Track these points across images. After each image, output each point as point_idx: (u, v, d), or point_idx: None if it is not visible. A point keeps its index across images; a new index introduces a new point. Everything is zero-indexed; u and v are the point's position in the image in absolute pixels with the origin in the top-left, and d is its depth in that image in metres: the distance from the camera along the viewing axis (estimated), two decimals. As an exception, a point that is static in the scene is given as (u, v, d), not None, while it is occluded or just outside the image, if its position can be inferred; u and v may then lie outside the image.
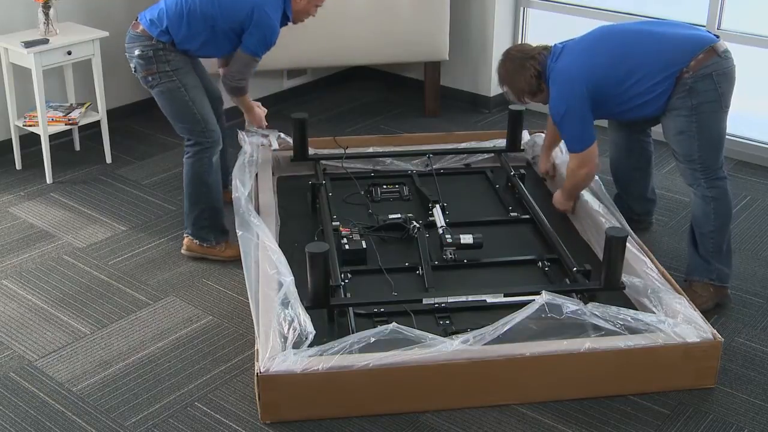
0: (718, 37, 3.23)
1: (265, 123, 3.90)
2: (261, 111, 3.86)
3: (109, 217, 3.99)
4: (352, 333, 2.79)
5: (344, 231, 3.46)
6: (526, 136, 4.22)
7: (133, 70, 3.42)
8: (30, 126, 4.32)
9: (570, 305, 2.82)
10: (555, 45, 3.43)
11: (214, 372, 2.96)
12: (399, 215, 3.64)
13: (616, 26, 3.43)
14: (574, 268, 3.16)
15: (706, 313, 3.13)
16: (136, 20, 3.40)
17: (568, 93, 3.28)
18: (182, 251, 3.64)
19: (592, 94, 3.24)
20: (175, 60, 3.35)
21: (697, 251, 3.28)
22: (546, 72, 3.37)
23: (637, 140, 3.64)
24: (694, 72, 3.11)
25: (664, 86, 3.17)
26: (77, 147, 4.70)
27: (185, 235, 3.63)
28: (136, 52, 3.34)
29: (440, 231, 3.43)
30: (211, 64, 3.82)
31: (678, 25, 3.36)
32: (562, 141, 3.80)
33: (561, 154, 4.01)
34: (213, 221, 3.57)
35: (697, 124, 3.15)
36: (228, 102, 4.91)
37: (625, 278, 3.03)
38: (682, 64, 3.13)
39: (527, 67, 3.39)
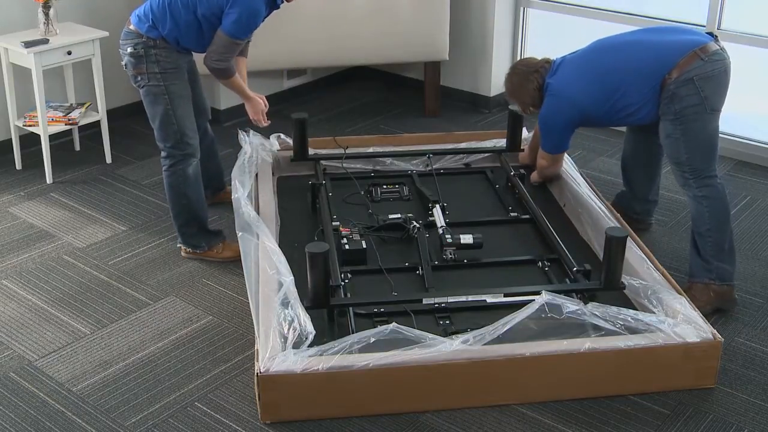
0: (715, 37, 3.25)
1: (263, 119, 3.71)
2: (260, 102, 3.68)
3: (109, 217, 3.99)
4: (352, 333, 2.79)
5: (344, 231, 3.46)
6: (526, 136, 4.22)
7: (124, 67, 3.41)
8: (30, 126, 4.32)
9: (570, 305, 2.82)
10: (555, 59, 3.57)
11: (214, 372, 2.96)
12: (399, 215, 3.64)
13: (607, 40, 3.49)
14: (574, 268, 3.16)
15: (706, 314, 3.13)
16: (129, 18, 3.40)
17: (557, 111, 3.49)
18: (182, 254, 3.65)
19: (581, 114, 3.43)
20: (166, 60, 3.32)
21: (698, 253, 3.28)
22: (545, 85, 3.53)
23: (650, 140, 3.66)
24: (675, 78, 3.17)
25: (650, 95, 3.25)
26: (77, 147, 4.71)
27: (178, 244, 3.64)
28: (129, 50, 3.33)
29: (440, 231, 3.43)
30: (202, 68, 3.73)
31: (671, 31, 3.39)
32: None
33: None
34: (200, 228, 3.57)
35: (682, 128, 3.19)
36: (229, 102, 4.93)
37: (625, 280, 3.03)
38: (665, 71, 3.19)
39: (530, 80, 3.56)
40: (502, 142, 4.20)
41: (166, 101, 3.35)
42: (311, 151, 4.09)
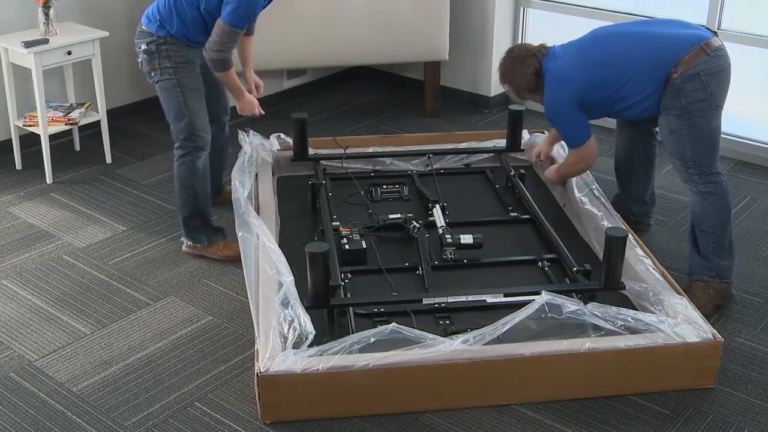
0: (715, 33, 3.24)
1: (257, 110, 3.67)
2: (252, 100, 3.67)
3: (109, 217, 3.99)
4: (352, 333, 2.79)
5: (344, 231, 3.46)
6: (526, 135, 4.23)
7: (139, 65, 3.49)
8: (30, 126, 4.32)
9: (570, 305, 2.82)
10: (552, 46, 3.50)
11: (214, 372, 2.96)
12: (399, 215, 3.64)
13: (609, 28, 3.46)
14: (574, 268, 3.16)
15: (708, 313, 3.13)
16: (140, 20, 3.47)
17: (558, 96, 3.39)
18: (183, 249, 3.66)
19: (581, 97, 3.34)
20: (177, 55, 3.38)
21: (698, 250, 3.28)
22: (542, 71, 3.44)
23: (642, 140, 3.65)
24: (682, 72, 3.14)
25: (653, 87, 3.21)
26: (77, 147, 4.71)
27: (182, 238, 3.66)
28: (143, 47, 3.41)
29: (440, 231, 3.43)
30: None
31: (672, 24, 3.37)
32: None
33: (562, 151, 4.00)
34: (203, 222, 3.60)
35: (687, 123, 3.17)
36: (229, 102, 4.93)
37: (624, 281, 3.03)
38: (670, 65, 3.16)
39: (527, 64, 3.46)
40: (502, 142, 4.20)
41: (178, 93, 3.41)
42: (311, 151, 4.09)
